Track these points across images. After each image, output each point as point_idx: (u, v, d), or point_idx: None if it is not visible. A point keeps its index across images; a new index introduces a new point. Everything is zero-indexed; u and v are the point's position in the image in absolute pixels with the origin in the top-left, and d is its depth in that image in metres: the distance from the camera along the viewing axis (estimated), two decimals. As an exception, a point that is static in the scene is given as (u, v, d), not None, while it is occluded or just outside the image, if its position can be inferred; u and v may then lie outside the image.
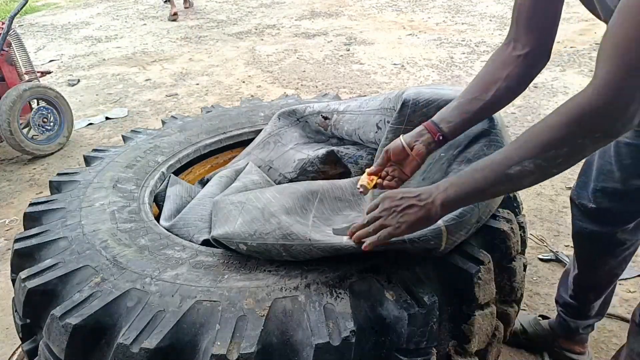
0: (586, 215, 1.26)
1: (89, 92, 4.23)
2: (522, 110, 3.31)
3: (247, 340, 0.81)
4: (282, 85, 4.09)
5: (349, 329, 0.83)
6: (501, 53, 1.04)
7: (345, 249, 0.92)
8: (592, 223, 1.25)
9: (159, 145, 1.57)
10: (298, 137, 1.58)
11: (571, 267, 1.40)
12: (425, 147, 1.02)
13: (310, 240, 0.93)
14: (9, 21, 2.88)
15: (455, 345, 1.01)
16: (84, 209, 1.21)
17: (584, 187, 1.23)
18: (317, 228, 1.04)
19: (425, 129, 1.03)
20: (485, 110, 1.04)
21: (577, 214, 1.29)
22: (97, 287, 0.94)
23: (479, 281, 0.97)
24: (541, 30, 1.00)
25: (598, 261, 1.30)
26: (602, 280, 1.35)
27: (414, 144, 1.03)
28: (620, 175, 1.13)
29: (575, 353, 1.50)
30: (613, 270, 1.32)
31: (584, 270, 1.34)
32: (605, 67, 0.71)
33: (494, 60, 1.05)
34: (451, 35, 5.01)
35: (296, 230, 0.96)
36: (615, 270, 1.32)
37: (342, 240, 0.95)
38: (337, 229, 1.04)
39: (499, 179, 0.79)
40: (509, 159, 0.78)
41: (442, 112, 1.05)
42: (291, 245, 0.94)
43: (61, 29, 6.40)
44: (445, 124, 1.03)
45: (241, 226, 1.01)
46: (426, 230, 0.91)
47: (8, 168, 3.04)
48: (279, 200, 1.08)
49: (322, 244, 0.92)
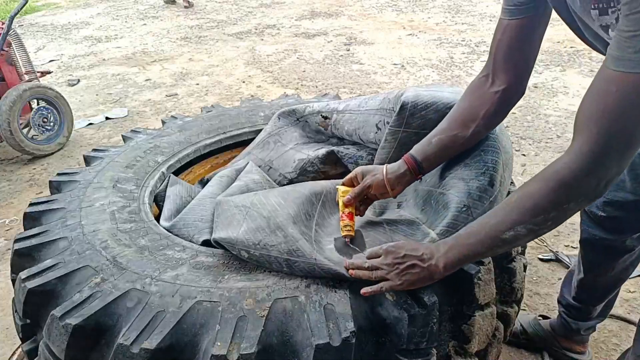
0: (596, 223, 1.24)
1: (89, 92, 4.23)
2: (522, 110, 3.31)
3: (247, 341, 0.81)
4: (282, 85, 4.09)
5: (349, 329, 0.83)
6: (479, 88, 1.07)
7: (348, 277, 0.92)
8: (601, 230, 1.24)
9: (159, 145, 1.57)
10: (298, 137, 1.58)
11: (576, 269, 1.39)
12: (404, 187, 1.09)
13: (316, 260, 0.93)
14: (9, 21, 2.88)
15: (456, 346, 1.01)
16: (84, 209, 1.21)
17: None
18: (320, 243, 1.04)
19: (407, 170, 1.07)
20: (464, 145, 1.08)
21: (587, 221, 1.27)
22: (97, 288, 0.94)
23: (479, 282, 0.98)
24: (518, 68, 1.02)
25: (605, 267, 1.29)
26: (608, 285, 1.35)
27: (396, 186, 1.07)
28: (632, 185, 1.13)
29: (575, 353, 1.50)
30: (619, 275, 1.31)
31: (590, 275, 1.33)
32: (581, 137, 0.74)
33: (472, 95, 1.08)
34: (451, 35, 5.01)
35: (302, 246, 0.96)
36: (621, 275, 1.32)
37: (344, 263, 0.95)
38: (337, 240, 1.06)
39: (495, 243, 0.83)
40: (502, 225, 0.81)
41: (424, 148, 1.07)
42: (295, 261, 0.94)
43: (61, 29, 6.40)
44: (426, 162, 1.07)
45: (245, 233, 1.00)
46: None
47: (8, 168, 3.04)
48: (284, 208, 1.07)
49: (326, 266, 0.93)
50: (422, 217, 1.12)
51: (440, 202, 1.08)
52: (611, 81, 0.70)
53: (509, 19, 0.98)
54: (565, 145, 2.85)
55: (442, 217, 1.04)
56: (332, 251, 1.01)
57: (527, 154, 2.80)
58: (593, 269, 1.32)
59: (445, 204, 1.06)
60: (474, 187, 1.04)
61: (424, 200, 1.15)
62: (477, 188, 1.04)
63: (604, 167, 0.73)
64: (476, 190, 1.04)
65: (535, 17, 0.96)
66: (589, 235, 1.27)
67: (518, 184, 2.43)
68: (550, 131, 3.04)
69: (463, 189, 1.05)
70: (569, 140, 2.96)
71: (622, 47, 0.68)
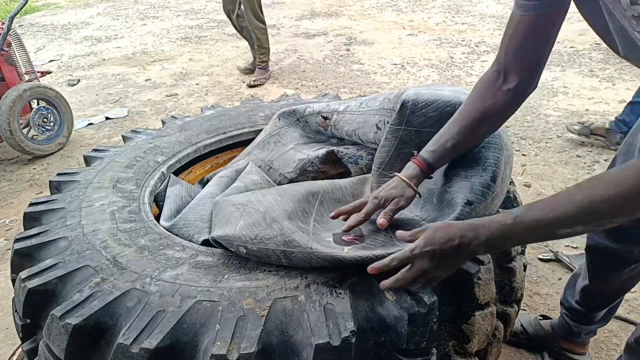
0: (603, 232, 1.22)
1: (89, 92, 4.23)
2: (522, 110, 3.31)
3: (247, 340, 0.81)
4: (282, 85, 4.09)
5: (349, 329, 0.83)
6: (491, 85, 1.01)
7: (346, 260, 0.92)
8: (608, 240, 1.21)
9: (159, 145, 1.57)
10: (298, 137, 1.58)
11: (581, 274, 1.37)
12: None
13: (312, 248, 0.93)
14: (9, 21, 2.88)
15: (455, 345, 1.01)
16: (84, 209, 1.21)
17: None
18: (318, 235, 1.04)
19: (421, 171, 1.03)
20: (476, 145, 1.07)
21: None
22: (97, 287, 0.94)
23: (479, 281, 0.97)
24: (531, 65, 0.96)
25: (611, 276, 1.27)
26: (612, 293, 1.33)
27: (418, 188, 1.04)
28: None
29: (575, 354, 1.50)
30: (624, 285, 1.30)
31: (595, 282, 1.31)
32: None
33: (484, 93, 1.02)
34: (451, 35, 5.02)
35: (298, 237, 0.96)
36: (627, 285, 1.30)
37: (342, 251, 0.96)
38: (336, 235, 1.05)
39: (544, 236, 0.79)
40: (561, 222, 0.76)
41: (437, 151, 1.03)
42: (292, 252, 0.94)
43: (61, 29, 6.40)
44: (437, 165, 1.05)
45: (242, 229, 1.01)
46: None
47: (8, 168, 3.04)
48: (280, 204, 1.08)
49: (322, 253, 0.93)
50: (422, 214, 1.12)
51: (442, 199, 1.08)
52: None
53: (522, 14, 0.91)
54: (565, 145, 2.86)
55: (446, 213, 1.04)
56: (330, 243, 1.01)
57: (527, 154, 2.80)
58: (598, 277, 1.30)
59: (449, 201, 1.06)
60: (476, 183, 1.04)
61: (425, 198, 1.15)
62: (479, 184, 1.04)
63: None
64: (479, 185, 1.04)
65: (552, 13, 0.89)
66: (595, 243, 1.25)
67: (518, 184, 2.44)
68: (550, 131, 3.04)
69: (466, 185, 1.05)
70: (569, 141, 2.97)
71: None
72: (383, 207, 1.01)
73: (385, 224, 0.98)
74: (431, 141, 1.06)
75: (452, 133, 1.03)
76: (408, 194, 1.01)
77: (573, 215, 0.74)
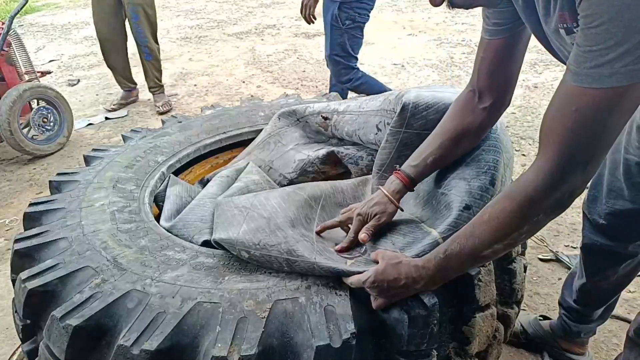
0: (598, 230, 1.24)
1: (89, 92, 4.22)
2: (522, 110, 3.31)
3: (247, 342, 0.81)
4: (282, 85, 4.09)
5: (349, 331, 0.83)
6: (468, 104, 1.08)
7: (348, 273, 0.93)
8: (603, 237, 1.23)
9: (159, 145, 1.57)
10: (298, 137, 1.58)
11: (576, 272, 1.39)
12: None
13: (315, 259, 0.94)
14: (9, 21, 2.88)
15: (456, 347, 1.00)
16: (84, 209, 1.21)
17: (594, 201, 1.22)
18: (321, 244, 1.04)
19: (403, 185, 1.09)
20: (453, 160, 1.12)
21: (589, 227, 1.27)
22: (97, 288, 0.94)
23: (480, 283, 0.97)
24: (502, 84, 1.05)
25: (607, 272, 1.28)
26: (609, 290, 1.34)
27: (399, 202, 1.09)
28: (630, 193, 1.12)
29: (575, 354, 1.50)
30: (621, 281, 1.31)
31: (592, 280, 1.32)
32: (544, 154, 0.75)
33: (462, 111, 1.09)
34: (451, 35, 5.02)
35: (302, 248, 0.96)
36: (623, 281, 1.31)
37: (345, 264, 0.96)
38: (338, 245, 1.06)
39: (477, 261, 0.87)
40: (480, 246, 0.83)
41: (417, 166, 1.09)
42: (295, 261, 0.94)
43: (61, 29, 6.40)
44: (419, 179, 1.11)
45: (245, 234, 1.00)
46: (424, 245, 0.97)
47: (8, 168, 3.04)
48: (284, 210, 1.08)
49: (325, 265, 0.93)
50: (422, 216, 1.12)
51: (441, 201, 1.08)
52: (570, 96, 0.70)
53: (489, 38, 1.01)
54: (565, 146, 2.85)
55: (444, 216, 1.04)
56: (333, 254, 1.02)
57: (527, 154, 2.80)
58: (595, 275, 1.31)
59: (447, 203, 1.06)
60: (475, 186, 1.04)
61: (425, 200, 1.15)
62: (478, 187, 1.04)
63: (567, 182, 0.74)
64: (477, 189, 1.04)
65: (515, 36, 0.98)
66: (591, 241, 1.27)
67: (518, 184, 2.43)
68: (550, 131, 3.04)
69: (464, 189, 1.05)
70: (569, 141, 2.97)
71: (579, 61, 0.68)
72: (366, 223, 1.07)
73: (366, 240, 1.03)
74: (413, 155, 1.12)
75: (433, 148, 1.09)
76: (390, 209, 1.07)
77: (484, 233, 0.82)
